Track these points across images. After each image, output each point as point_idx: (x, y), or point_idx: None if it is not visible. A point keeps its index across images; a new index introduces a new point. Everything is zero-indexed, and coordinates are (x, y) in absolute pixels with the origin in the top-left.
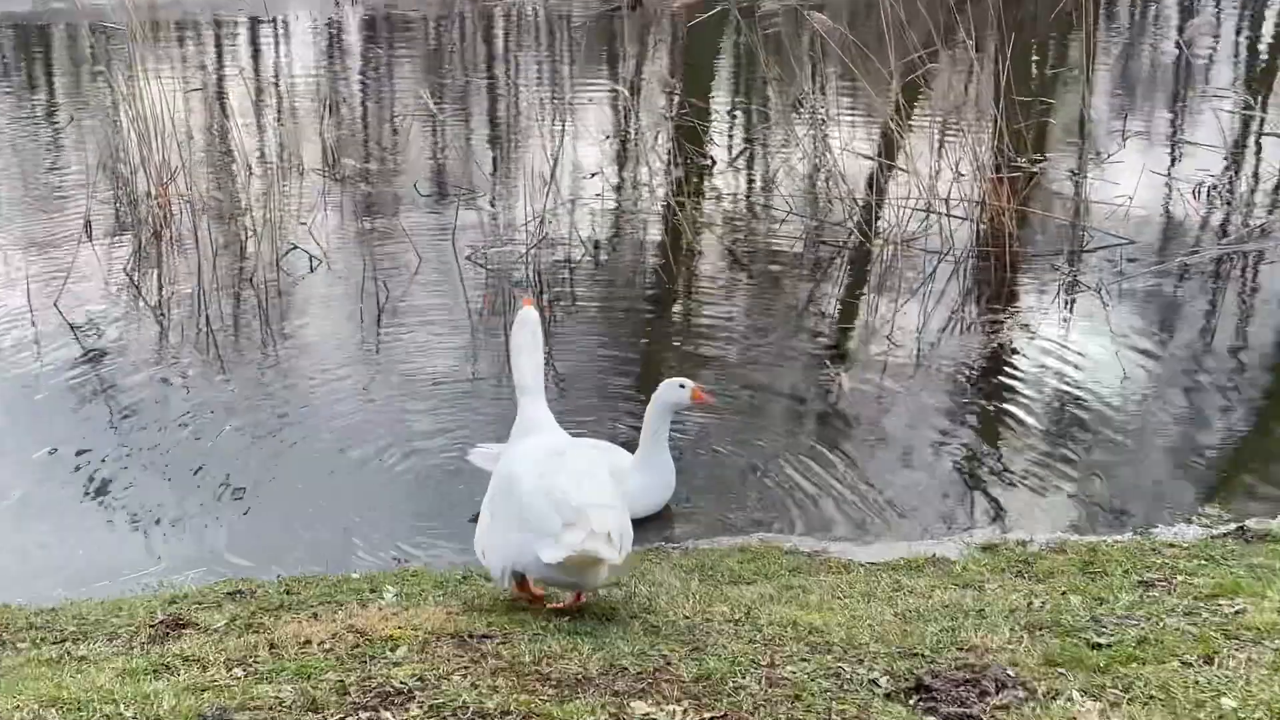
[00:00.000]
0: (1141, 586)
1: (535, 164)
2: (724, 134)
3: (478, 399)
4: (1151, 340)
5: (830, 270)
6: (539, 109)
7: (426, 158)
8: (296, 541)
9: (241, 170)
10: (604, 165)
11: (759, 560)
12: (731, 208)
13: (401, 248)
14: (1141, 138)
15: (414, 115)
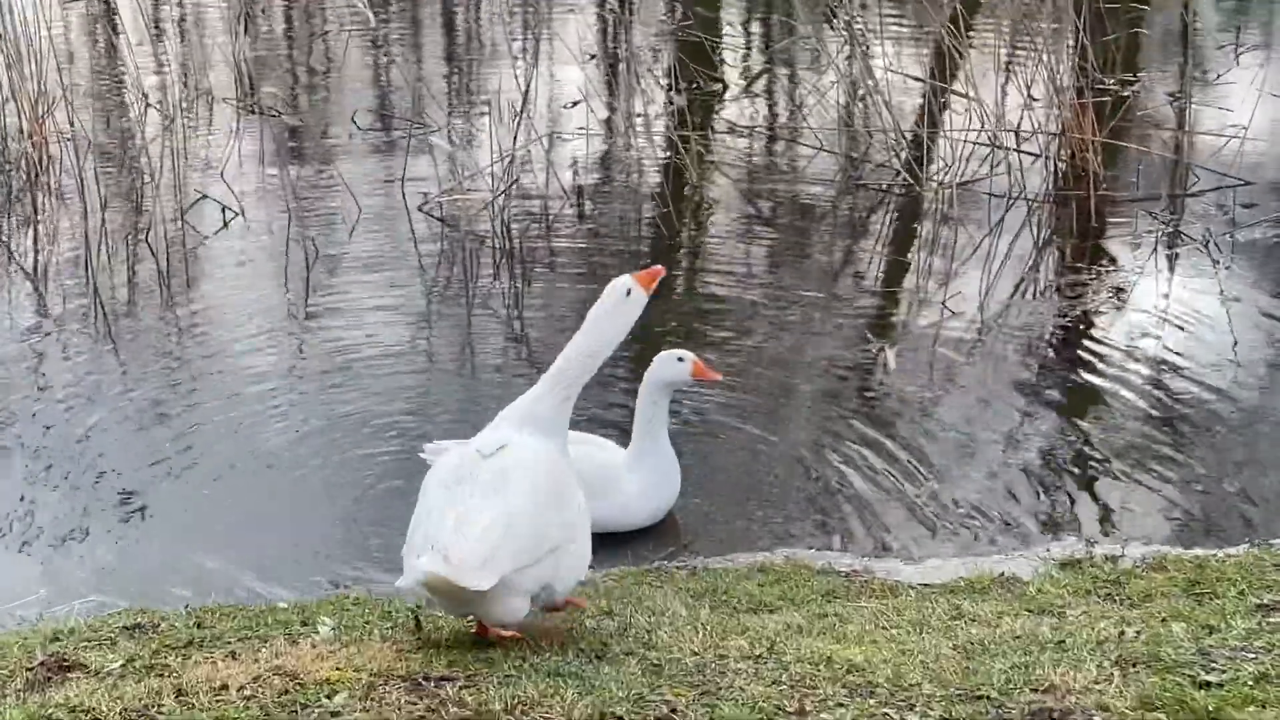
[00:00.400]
0: (1260, 611)
1: (503, 91)
2: (738, 52)
3: (433, 384)
4: (1273, 306)
5: (871, 221)
6: (507, 21)
7: (366, 84)
8: (208, 563)
9: (136, 101)
10: (588, 93)
11: (784, 583)
12: (747, 144)
13: (336, 196)
14: (1259, 52)
15: (350, 30)
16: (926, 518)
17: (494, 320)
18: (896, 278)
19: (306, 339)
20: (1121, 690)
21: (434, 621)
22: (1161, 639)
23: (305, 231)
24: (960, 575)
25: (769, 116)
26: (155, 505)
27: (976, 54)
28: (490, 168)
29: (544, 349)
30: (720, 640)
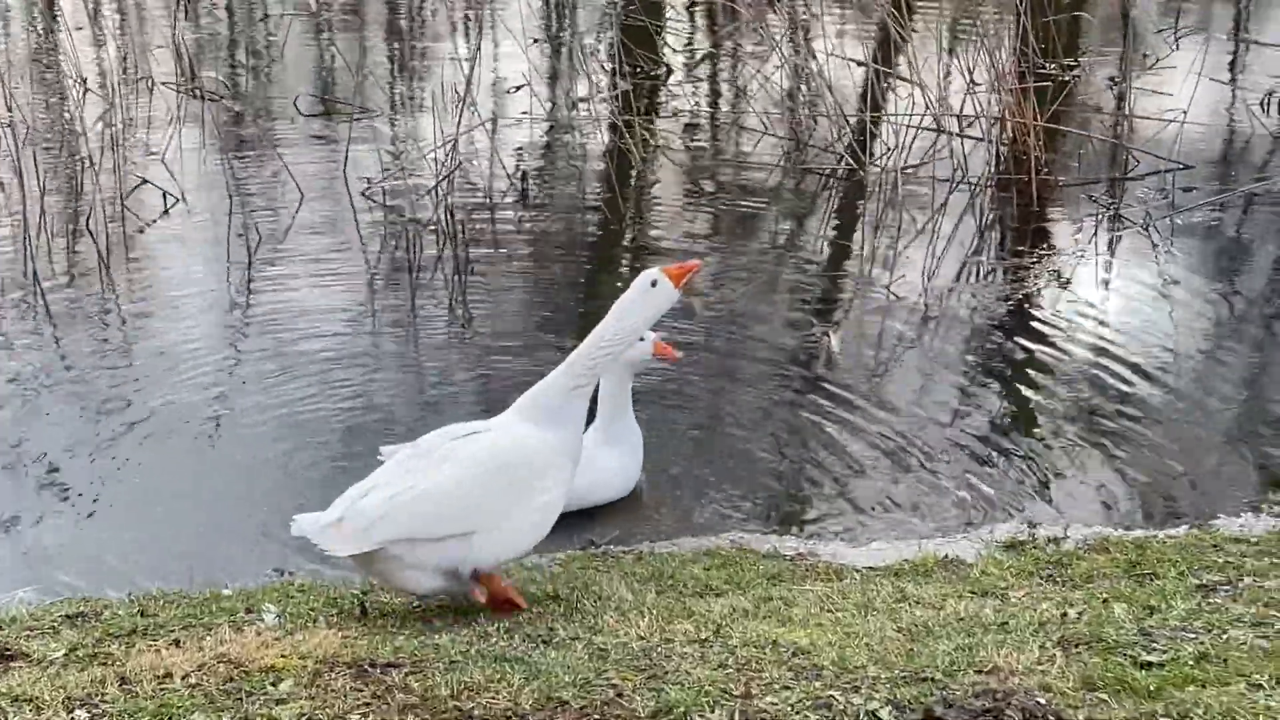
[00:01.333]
0: (1200, 591)
1: (445, 76)
2: (682, 36)
3: (376, 369)
4: (1211, 288)
5: (816, 204)
6: (450, 6)
7: (308, 68)
8: (151, 550)
9: (74, 85)
10: (532, 77)
11: (731, 566)
12: (692, 128)
13: (279, 182)
14: (1197, 37)
15: (292, 14)
16: (871, 501)
17: (437, 305)
18: (841, 262)
19: (248, 324)
20: (1064, 671)
21: (380, 608)
22: (1103, 620)
23: (247, 216)
24: (904, 558)
25: (713, 101)
26: (97, 492)
27: (919, 38)
28: (433, 152)
29: (487, 333)
30: (666, 624)
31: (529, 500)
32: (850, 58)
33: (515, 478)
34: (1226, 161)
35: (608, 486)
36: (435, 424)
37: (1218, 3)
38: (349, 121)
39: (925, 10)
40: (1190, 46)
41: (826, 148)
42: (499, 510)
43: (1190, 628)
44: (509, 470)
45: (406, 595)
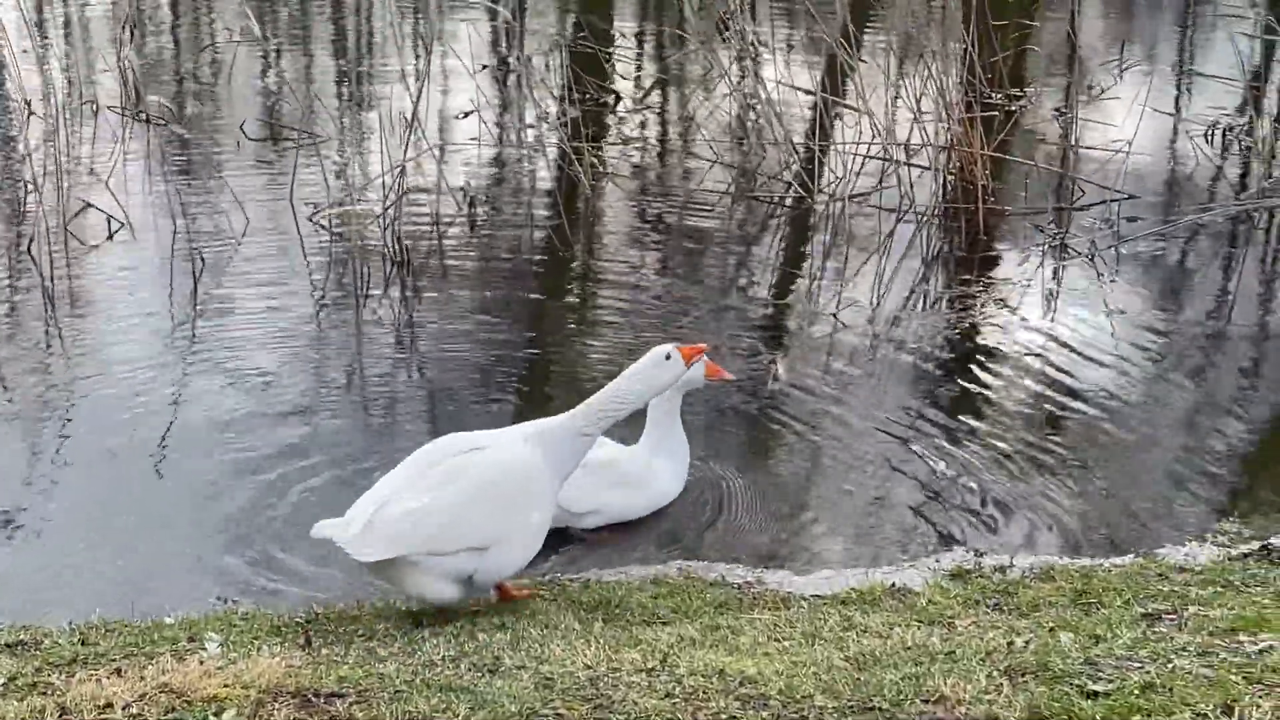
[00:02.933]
0: (1146, 620)
1: (394, 101)
2: (631, 63)
3: (322, 397)
4: (1156, 318)
5: (763, 233)
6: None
7: (255, 93)
8: (93, 578)
9: (18, 109)
10: (480, 103)
11: (678, 595)
12: (641, 155)
13: (225, 207)
14: (1142, 69)
15: (238, 39)
16: (818, 530)
17: (384, 332)
18: (788, 289)
19: (193, 351)
20: (1011, 700)
21: (324, 637)
22: (1050, 649)
23: (192, 242)
24: (852, 586)
25: (662, 128)
26: (37, 520)
27: (867, 68)
28: (381, 178)
29: (435, 361)
30: (613, 653)
31: (527, 518)
32: (798, 86)
33: (520, 497)
34: (1171, 191)
35: (664, 496)
36: (383, 452)
37: (1163, 33)
38: (295, 146)
39: (873, 40)
40: (1135, 78)
41: (774, 176)
42: (508, 527)
43: (1136, 657)
44: (516, 490)
45: (420, 602)
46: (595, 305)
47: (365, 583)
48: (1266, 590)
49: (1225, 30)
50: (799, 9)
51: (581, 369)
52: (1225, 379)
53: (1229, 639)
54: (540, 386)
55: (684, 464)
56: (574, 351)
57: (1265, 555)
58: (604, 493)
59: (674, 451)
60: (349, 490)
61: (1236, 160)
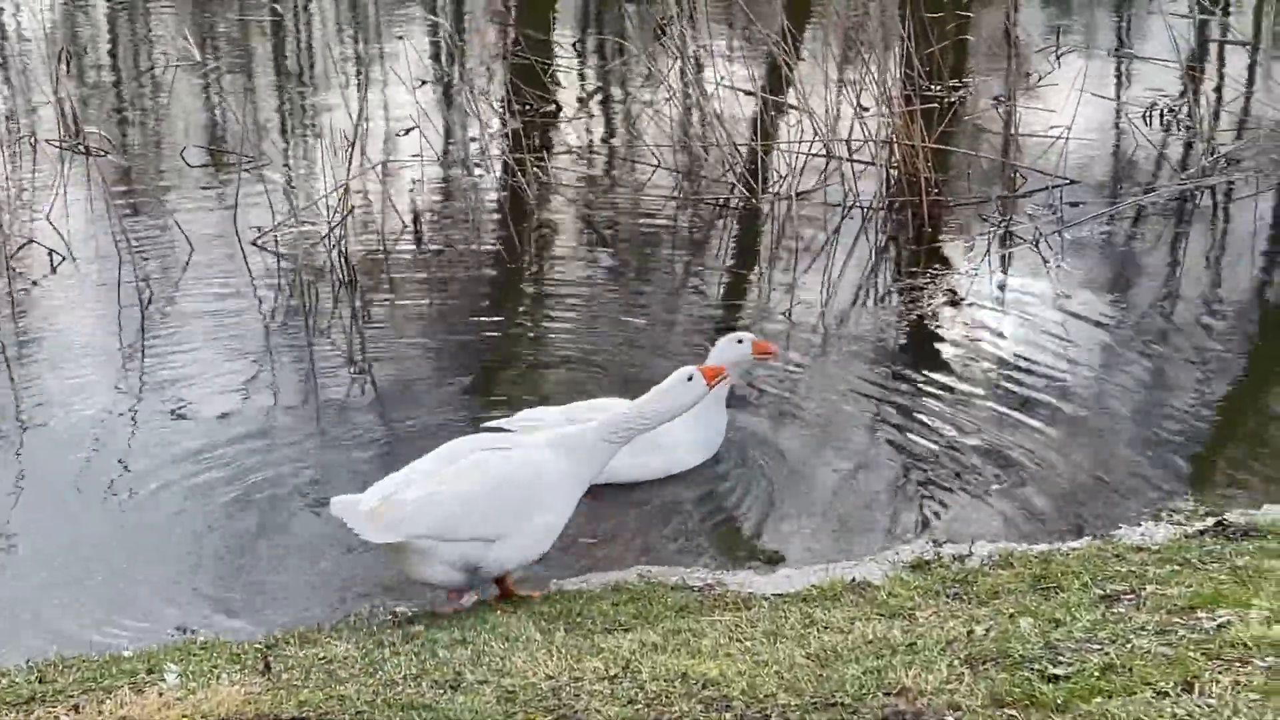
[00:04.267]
0: (1104, 602)
1: (335, 121)
2: (571, 73)
3: (274, 420)
4: (1103, 301)
5: (711, 234)
6: (337, 52)
7: (196, 120)
8: (48, 614)
9: None
10: (421, 119)
11: (639, 601)
12: (586, 164)
13: (169, 234)
14: (1079, 53)
15: (178, 66)
16: (776, 528)
17: (335, 352)
18: (739, 289)
19: (143, 380)
20: (972, 688)
21: (284, 662)
22: (1010, 635)
23: (137, 271)
24: (812, 583)
25: (605, 136)
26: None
27: (807, 66)
28: (324, 198)
29: (387, 379)
30: (575, 662)
31: (539, 515)
32: (739, 88)
33: (533, 496)
34: (1112, 175)
35: (679, 463)
36: (340, 473)
37: (1099, 18)
38: (238, 171)
39: (811, 38)
40: (1072, 64)
41: (719, 177)
42: (516, 521)
43: (1095, 639)
44: (529, 489)
45: (425, 586)
46: (546, 316)
47: (325, 604)
48: (1223, 566)
49: (1159, 12)
50: (737, 11)
51: (535, 380)
52: (1174, 358)
53: (1187, 616)
54: (495, 399)
55: (713, 439)
56: (527, 363)
57: (1220, 531)
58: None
59: (705, 425)
60: (306, 513)
61: (1176, 141)
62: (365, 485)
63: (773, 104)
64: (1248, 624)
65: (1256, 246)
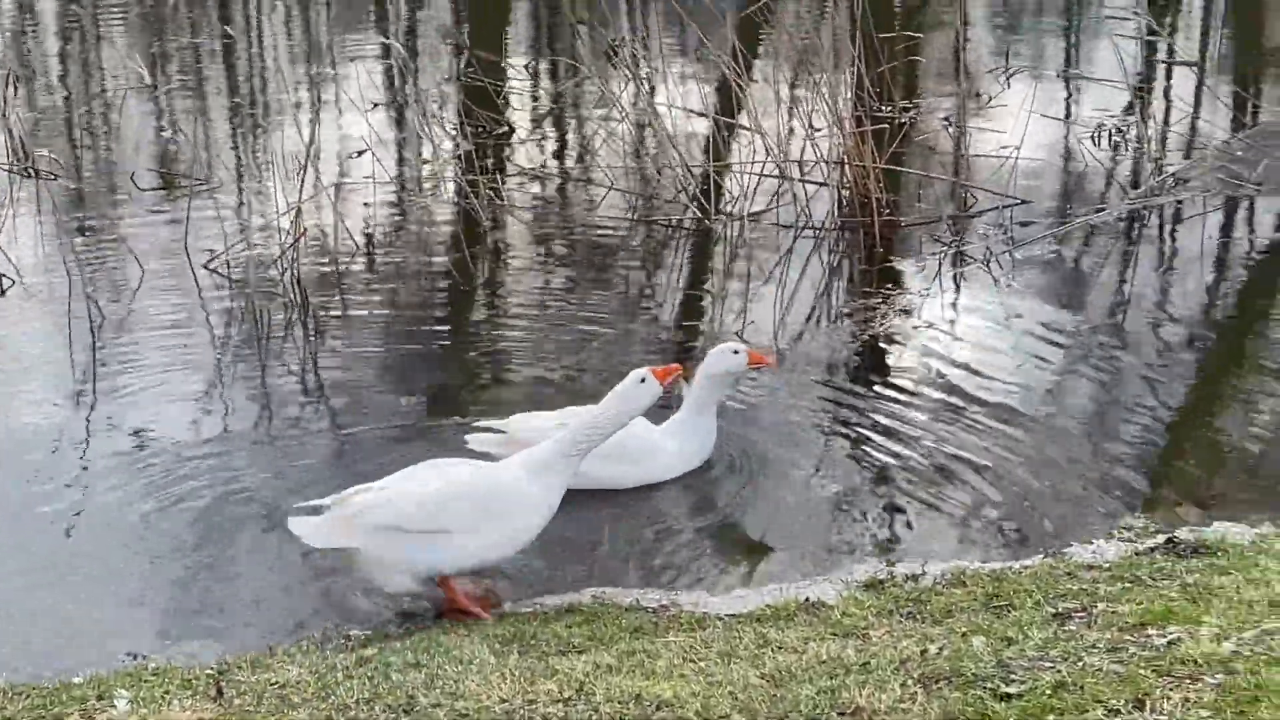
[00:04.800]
0: (1056, 620)
1: (287, 144)
2: (524, 95)
3: (227, 445)
4: (1054, 320)
5: (664, 256)
6: (288, 74)
7: (147, 142)
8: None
9: None
10: (374, 141)
11: (593, 622)
12: (538, 186)
13: (119, 258)
14: (1028, 75)
15: (128, 89)
16: (730, 547)
17: (288, 376)
18: (692, 310)
19: (94, 404)
20: (925, 708)
21: (236, 687)
22: (962, 654)
23: (89, 296)
24: (766, 603)
25: (558, 157)
26: None
27: (759, 87)
28: (277, 221)
29: (341, 403)
30: (529, 685)
31: (497, 524)
32: (691, 109)
33: (488, 503)
34: (1062, 194)
35: (667, 469)
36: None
37: (1047, 40)
38: (189, 194)
39: (762, 60)
40: (1022, 84)
41: (672, 199)
42: (468, 522)
43: (1047, 657)
44: (484, 495)
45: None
46: (500, 337)
47: (278, 628)
48: (1173, 584)
49: (1107, 33)
50: (689, 32)
51: (489, 403)
52: (1125, 376)
53: (1138, 633)
54: (449, 423)
55: (700, 449)
56: (481, 386)
57: (1171, 549)
58: (596, 463)
59: (692, 434)
60: (259, 535)
61: (1124, 161)
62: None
63: (725, 125)
64: (1198, 641)
65: (1204, 265)
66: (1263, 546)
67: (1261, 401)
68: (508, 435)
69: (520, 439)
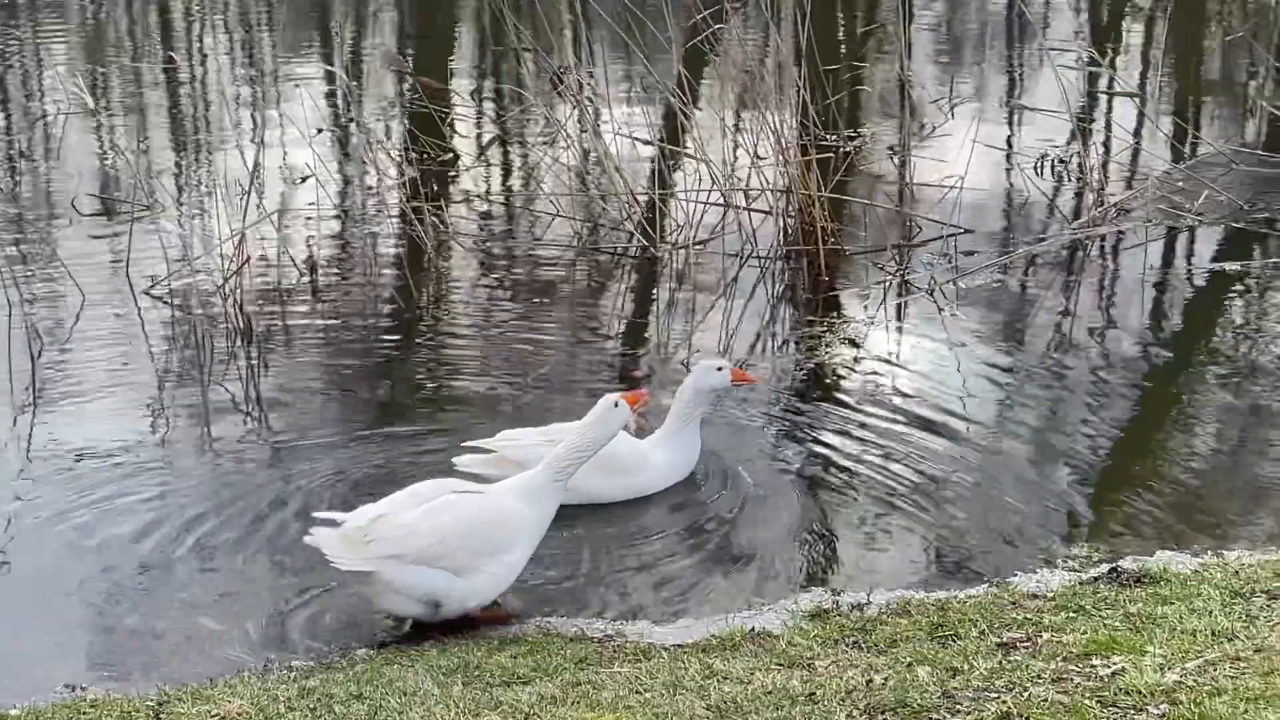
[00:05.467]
0: (1001, 650)
1: (230, 169)
2: (469, 122)
3: (169, 471)
4: (997, 348)
5: (610, 284)
6: (232, 99)
7: (88, 168)
8: None
9: None
10: (318, 167)
11: (538, 653)
12: (483, 213)
13: (59, 283)
14: (971, 105)
15: (68, 113)
16: (675, 577)
17: (231, 402)
18: (638, 338)
19: (35, 432)
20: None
21: (176, 719)
22: (908, 684)
23: (29, 321)
24: (712, 633)
25: (503, 184)
26: None
27: (704, 116)
28: (220, 246)
29: (284, 432)
30: (474, 716)
31: (503, 555)
32: (637, 137)
33: (499, 536)
34: (1005, 224)
35: (650, 485)
36: (230, 525)
37: (990, 70)
38: (131, 219)
39: (708, 88)
40: (965, 114)
41: (617, 227)
42: (483, 558)
43: (993, 687)
44: (496, 526)
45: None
46: (445, 364)
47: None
48: (1116, 613)
49: (1049, 64)
50: (634, 60)
51: (434, 432)
52: (1068, 405)
53: (1082, 664)
54: (392, 452)
55: (682, 464)
56: (425, 415)
57: (1114, 578)
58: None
59: (677, 448)
60: (199, 565)
61: (1067, 190)
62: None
63: (670, 153)
64: (1142, 671)
65: (1145, 294)
66: (1205, 576)
67: (1203, 431)
68: (496, 454)
69: (508, 456)
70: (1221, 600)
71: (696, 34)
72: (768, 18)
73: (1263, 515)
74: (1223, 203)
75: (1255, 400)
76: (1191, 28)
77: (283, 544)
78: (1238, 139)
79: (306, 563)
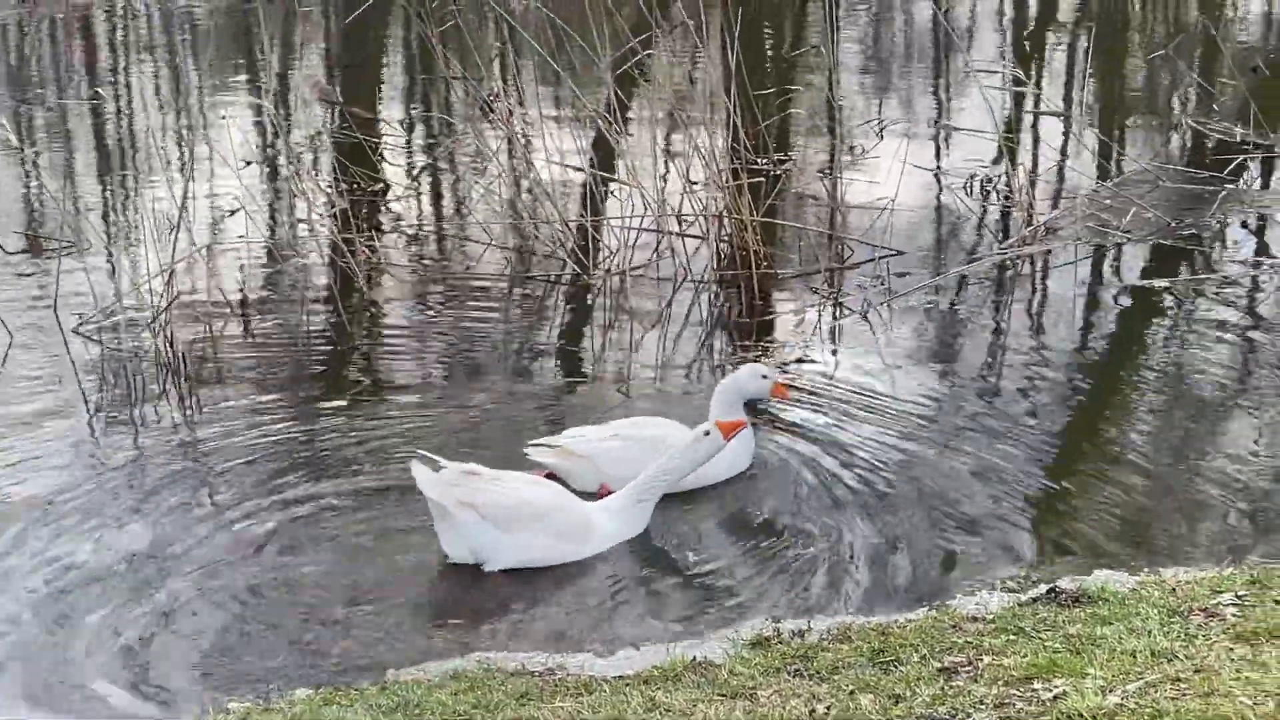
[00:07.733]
0: (943, 675)
1: (158, 204)
2: (399, 150)
3: (101, 512)
4: (931, 370)
5: (544, 311)
6: (158, 133)
7: (13, 205)
8: None
9: None
10: (247, 200)
11: (477, 689)
12: (416, 243)
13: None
14: (900, 126)
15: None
16: (614, 608)
17: (164, 440)
18: (573, 367)
19: None
20: None
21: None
22: (851, 713)
23: None
24: (653, 664)
25: (435, 214)
26: None
27: (635, 141)
28: (148, 283)
29: (217, 467)
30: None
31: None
32: (568, 164)
33: (557, 522)
34: (937, 244)
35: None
36: (159, 563)
37: (917, 91)
38: (58, 256)
39: (639, 113)
40: (894, 136)
41: (550, 254)
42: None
43: (935, 713)
44: (554, 513)
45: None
46: (379, 397)
47: (151, 700)
48: (1056, 635)
49: (976, 85)
50: (564, 86)
51: (369, 465)
52: (1003, 424)
53: (1024, 687)
54: (327, 487)
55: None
56: (360, 447)
57: (1053, 599)
58: None
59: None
60: (130, 606)
61: (996, 210)
62: (197, 576)
63: (602, 179)
64: (1083, 694)
65: (1076, 312)
66: (1143, 594)
67: (1136, 448)
68: (561, 447)
69: (573, 449)
70: (1160, 619)
71: (627, 60)
72: (696, 41)
73: (1197, 532)
74: (1150, 219)
75: (1187, 416)
76: (1115, 45)
77: (217, 585)
78: (1163, 156)
79: (241, 605)
